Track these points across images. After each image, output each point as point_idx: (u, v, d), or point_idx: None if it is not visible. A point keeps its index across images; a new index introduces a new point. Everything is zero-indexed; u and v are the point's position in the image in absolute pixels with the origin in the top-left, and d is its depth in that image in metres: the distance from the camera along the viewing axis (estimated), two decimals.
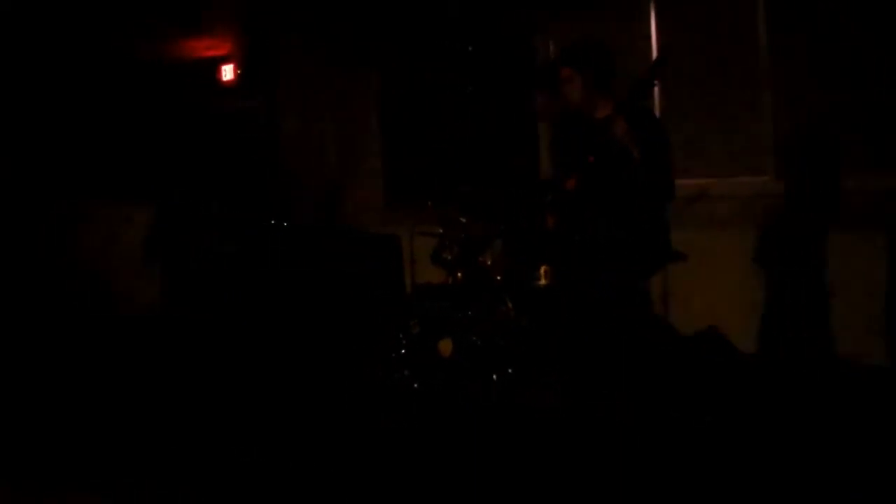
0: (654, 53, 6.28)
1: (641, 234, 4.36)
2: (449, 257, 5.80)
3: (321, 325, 6.62)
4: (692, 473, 3.90)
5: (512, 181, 6.66)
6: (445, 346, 5.48)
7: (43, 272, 8.22)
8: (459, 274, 5.76)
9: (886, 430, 4.28)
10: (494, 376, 5.08)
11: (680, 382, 4.77)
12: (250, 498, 3.98)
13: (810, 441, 4.22)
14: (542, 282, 5.16)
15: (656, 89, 4.80)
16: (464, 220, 5.83)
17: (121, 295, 8.08)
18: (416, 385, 5.30)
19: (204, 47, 8.67)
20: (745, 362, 5.43)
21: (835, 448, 4.10)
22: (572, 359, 4.62)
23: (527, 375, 5.00)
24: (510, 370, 5.07)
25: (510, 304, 5.36)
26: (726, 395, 4.87)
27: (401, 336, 5.63)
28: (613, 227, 4.35)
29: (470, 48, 7.32)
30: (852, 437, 4.22)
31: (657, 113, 5.95)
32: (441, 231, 5.90)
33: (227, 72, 8.60)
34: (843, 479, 3.76)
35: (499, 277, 5.55)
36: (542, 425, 4.49)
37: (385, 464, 4.23)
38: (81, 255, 8.38)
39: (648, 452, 4.08)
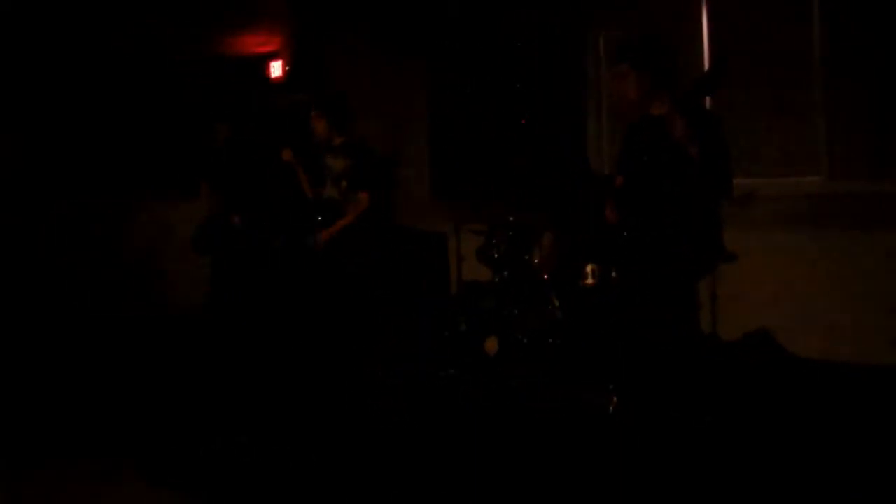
0: (706, 50, 6.22)
1: (695, 234, 4.30)
2: (496, 255, 5.80)
3: (367, 321, 6.63)
4: (730, 475, 3.86)
5: (561, 177, 6.64)
6: (491, 345, 5.48)
7: (94, 269, 8.35)
8: (506, 272, 5.76)
9: None
10: (541, 375, 5.06)
11: (726, 384, 4.73)
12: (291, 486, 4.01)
13: (849, 445, 4.17)
14: (590, 281, 5.12)
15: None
16: (511, 218, 5.82)
17: (171, 292, 8.21)
18: (462, 383, 5.30)
19: (253, 44, 8.73)
20: (796, 365, 5.36)
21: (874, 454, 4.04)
22: (619, 360, 4.59)
23: (574, 375, 4.97)
24: (557, 370, 5.05)
25: (556, 303, 5.34)
26: (772, 398, 4.81)
27: (447, 334, 5.64)
28: (667, 226, 4.29)
29: (518, 43, 7.29)
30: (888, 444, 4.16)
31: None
32: (488, 228, 5.90)
33: (276, 68, 8.65)
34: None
35: (546, 276, 5.53)
36: (588, 426, 4.46)
37: (428, 460, 4.23)
38: (132, 253, 8.51)
39: (689, 455, 4.05)
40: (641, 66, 4.38)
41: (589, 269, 5.12)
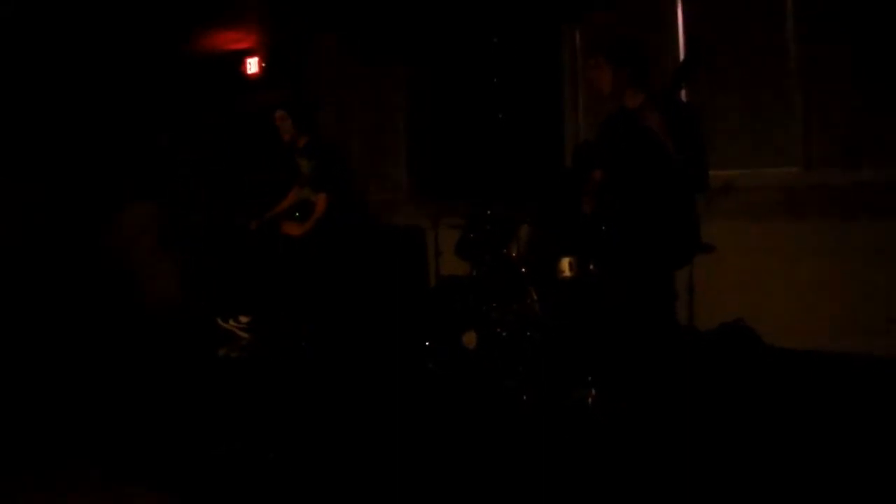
0: (681, 44, 6.23)
1: (672, 226, 4.31)
2: (473, 249, 5.79)
3: (346, 315, 6.62)
4: (708, 469, 3.87)
5: (538, 171, 6.65)
6: (470, 339, 5.46)
7: (75, 271, 8.28)
8: (484, 266, 5.75)
9: None
10: (520, 369, 5.05)
11: (703, 374, 4.74)
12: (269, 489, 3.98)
13: (825, 433, 4.19)
14: (568, 274, 5.12)
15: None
16: (488, 212, 5.81)
17: (146, 290, 8.15)
18: (440, 377, 5.28)
19: (229, 40, 8.68)
20: (773, 354, 5.37)
21: (846, 444, 4.06)
22: (597, 352, 4.58)
23: (552, 369, 4.97)
24: (535, 363, 5.04)
25: (535, 297, 5.33)
26: (749, 387, 4.83)
27: (425, 328, 5.61)
28: (644, 218, 4.30)
29: (495, 39, 7.28)
30: (866, 432, 4.18)
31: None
32: (465, 222, 5.89)
33: (252, 65, 8.61)
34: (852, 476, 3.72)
35: (524, 269, 5.52)
36: (568, 420, 4.46)
37: (406, 456, 4.21)
38: (109, 254, 8.45)
39: (668, 446, 4.05)
40: (615, 60, 4.40)
41: (566, 261, 5.11)
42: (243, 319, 6.77)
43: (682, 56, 6.18)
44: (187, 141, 8.52)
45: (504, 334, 5.30)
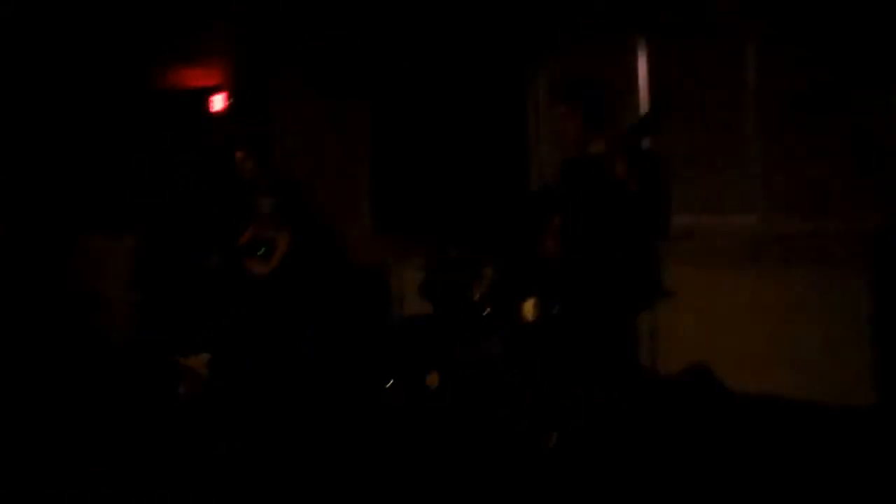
0: (644, 88, 6.31)
1: (633, 271, 4.35)
2: (436, 291, 5.80)
3: (307, 354, 6.58)
4: None
5: (501, 211, 6.67)
6: (433, 379, 5.46)
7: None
8: (446, 307, 5.76)
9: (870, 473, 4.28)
10: (481, 412, 5.04)
11: (665, 420, 4.76)
12: None
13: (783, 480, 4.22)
14: (530, 317, 5.12)
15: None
16: (451, 253, 5.83)
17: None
18: (402, 417, 5.27)
19: (194, 76, 8.67)
20: (734, 400, 5.41)
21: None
22: (558, 396, 4.59)
23: (513, 410, 4.96)
24: (497, 406, 5.04)
25: (497, 339, 5.34)
26: (709, 432, 4.85)
27: (387, 367, 5.60)
28: (605, 262, 4.33)
29: (460, 79, 7.33)
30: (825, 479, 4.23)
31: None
32: (426, 263, 5.90)
33: (218, 101, 8.59)
34: None
35: (486, 311, 5.53)
36: (527, 462, 4.46)
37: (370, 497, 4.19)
38: (75, 286, 8.40)
39: (627, 490, 4.06)
40: (577, 108, 4.44)
41: (530, 304, 5.12)
42: (203, 357, 6.70)
43: (643, 104, 6.27)
44: (155, 174, 8.49)
45: (466, 375, 5.30)
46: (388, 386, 5.55)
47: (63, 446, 5.12)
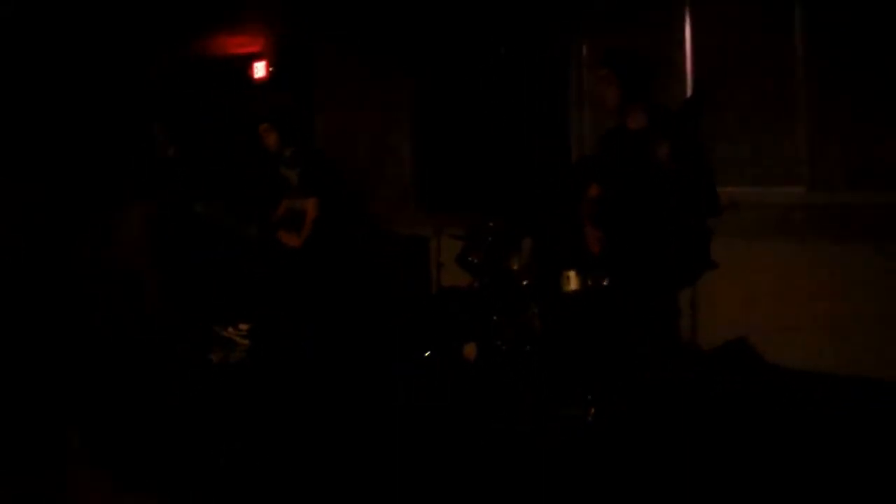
0: (689, 62, 6.20)
1: (683, 248, 4.30)
2: (475, 261, 5.78)
3: (346, 323, 6.60)
4: (706, 485, 3.85)
5: (542, 184, 6.62)
6: (470, 351, 5.45)
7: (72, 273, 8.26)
8: (485, 278, 5.73)
9: None
10: (520, 384, 5.02)
11: (704, 393, 4.71)
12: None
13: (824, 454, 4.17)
14: (572, 287, 5.09)
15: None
16: (490, 224, 5.80)
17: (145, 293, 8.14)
18: (441, 391, 5.26)
19: (237, 44, 8.68)
20: (774, 374, 5.35)
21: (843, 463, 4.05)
22: (598, 369, 4.57)
23: (552, 383, 4.94)
24: (535, 378, 5.02)
25: (535, 310, 5.31)
26: (749, 406, 4.80)
27: (425, 338, 5.60)
28: (653, 237, 4.29)
29: (503, 52, 7.27)
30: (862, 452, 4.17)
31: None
32: (467, 234, 5.88)
33: (259, 69, 8.60)
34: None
35: (525, 282, 5.50)
36: (567, 435, 4.44)
37: (404, 472, 4.19)
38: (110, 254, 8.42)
39: (667, 464, 4.03)
40: (622, 75, 4.38)
41: (571, 274, 5.10)
42: (243, 327, 6.76)
43: (689, 73, 6.17)
44: (192, 143, 8.50)
45: (504, 348, 5.29)
46: (425, 356, 5.55)
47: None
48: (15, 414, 5.28)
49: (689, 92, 6.05)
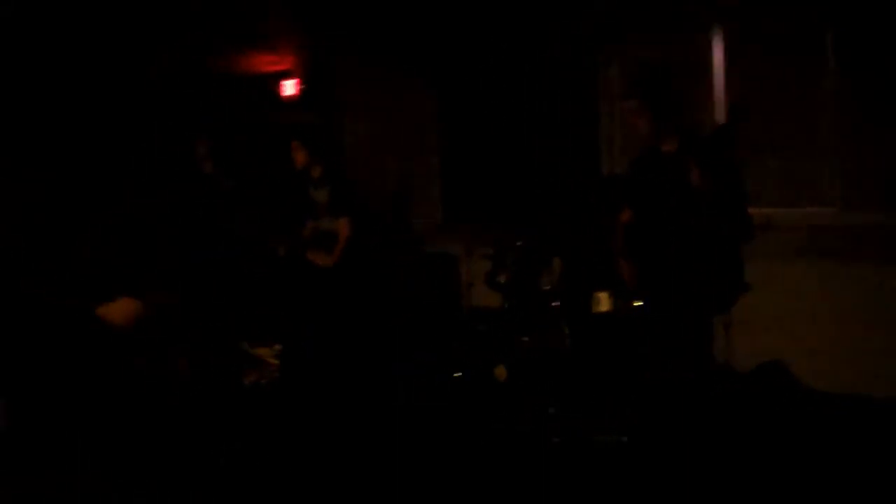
0: (722, 79, 6.17)
1: (718, 272, 4.27)
2: (503, 281, 5.76)
3: (375, 340, 6.59)
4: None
5: (571, 202, 6.60)
6: (501, 372, 5.43)
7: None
8: (514, 298, 5.71)
9: None
10: (551, 409, 4.99)
11: (738, 416, 4.67)
12: None
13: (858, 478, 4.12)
14: (605, 308, 5.07)
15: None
16: (519, 242, 5.78)
17: None
18: (471, 411, 5.23)
19: (267, 62, 8.72)
20: (809, 397, 5.29)
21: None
22: (633, 391, 4.54)
23: (584, 404, 4.92)
24: (566, 401, 4.99)
25: (566, 331, 5.29)
26: (784, 429, 4.75)
27: (455, 359, 5.58)
28: (687, 261, 4.26)
29: (531, 67, 7.26)
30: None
31: None
32: (495, 253, 5.85)
33: (289, 87, 8.64)
34: None
35: (556, 303, 5.48)
36: (599, 458, 4.41)
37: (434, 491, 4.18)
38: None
39: (701, 487, 3.99)
40: (651, 104, 4.35)
41: (604, 296, 5.07)
42: (277, 348, 6.73)
43: (719, 91, 6.14)
44: (223, 158, 8.52)
45: (535, 369, 5.26)
46: (455, 377, 5.53)
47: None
48: (21, 413, 5.32)
49: (721, 110, 6.03)
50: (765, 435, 4.64)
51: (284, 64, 8.74)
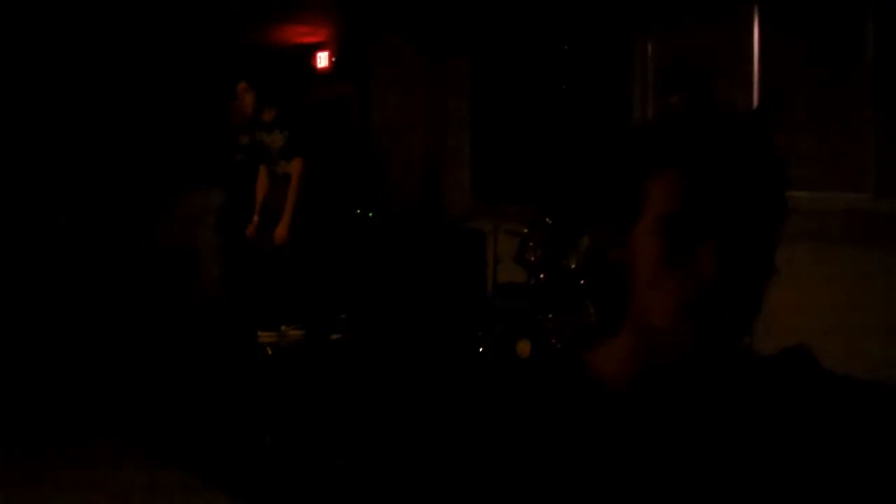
0: (757, 64, 6.10)
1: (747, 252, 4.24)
2: (532, 258, 5.76)
3: (401, 315, 6.62)
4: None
5: (601, 181, 6.57)
6: (524, 348, 5.44)
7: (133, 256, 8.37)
8: (541, 275, 5.71)
9: None
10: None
11: (761, 399, 4.64)
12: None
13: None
14: None
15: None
16: (548, 220, 5.77)
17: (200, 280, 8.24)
18: (490, 386, 5.25)
19: (299, 34, 8.73)
20: (834, 382, 5.26)
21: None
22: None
23: None
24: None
25: (592, 309, 5.29)
26: (808, 414, 4.72)
27: (479, 334, 5.60)
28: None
29: (565, 46, 7.22)
30: None
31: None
32: (524, 230, 5.86)
33: (322, 59, 8.65)
34: None
35: (582, 281, 5.47)
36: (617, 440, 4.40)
37: (453, 466, 4.19)
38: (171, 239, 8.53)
39: (720, 471, 3.98)
40: (681, 99, 4.33)
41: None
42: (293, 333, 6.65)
43: (756, 78, 6.07)
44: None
45: (559, 346, 5.26)
46: (478, 353, 5.55)
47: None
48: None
49: (755, 94, 5.97)
50: (791, 417, 4.62)
51: (319, 36, 8.76)
